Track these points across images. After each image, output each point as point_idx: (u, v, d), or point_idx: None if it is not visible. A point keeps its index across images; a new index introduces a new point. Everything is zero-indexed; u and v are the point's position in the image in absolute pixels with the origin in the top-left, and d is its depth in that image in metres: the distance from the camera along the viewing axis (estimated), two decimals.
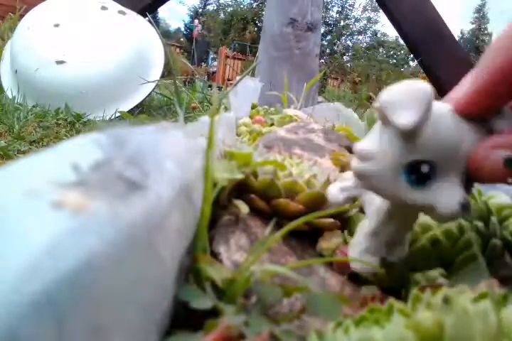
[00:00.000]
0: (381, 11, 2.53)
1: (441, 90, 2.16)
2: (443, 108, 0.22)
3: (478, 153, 0.22)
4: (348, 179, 0.28)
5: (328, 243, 0.35)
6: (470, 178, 0.23)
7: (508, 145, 0.22)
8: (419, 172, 0.22)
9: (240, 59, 8.05)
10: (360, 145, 0.23)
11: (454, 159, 0.22)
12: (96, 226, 0.13)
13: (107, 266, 0.13)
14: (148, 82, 1.60)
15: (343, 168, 0.50)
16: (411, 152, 0.21)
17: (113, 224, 0.14)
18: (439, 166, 0.22)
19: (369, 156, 0.22)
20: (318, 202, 0.36)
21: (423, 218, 0.30)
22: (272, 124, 0.93)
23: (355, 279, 0.32)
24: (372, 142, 0.22)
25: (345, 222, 0.37)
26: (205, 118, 0.44)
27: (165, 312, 0.20)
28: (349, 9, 15.83)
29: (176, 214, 0.21)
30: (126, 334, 0.15)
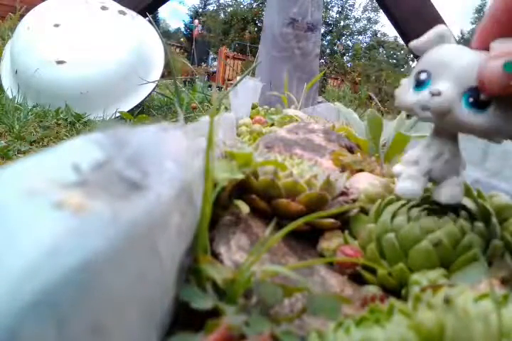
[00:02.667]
0: (381, 11, 2.53)
1: None
2: (453, 45, 0.30)
3: (481, 65, 0.26)
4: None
5: (328, 243, 0.35)
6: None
7: (507, 53, 0.25)
8: (419, 80, 0.30)
9: (240, 59, 8.05)
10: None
11: (447, 71, 0.28)
12: (96, 226, 0.13)
13: (107, 265, 0.13)
14: (149, 82, 1.60)
15: (344, 167, 0.50)
16: (418, 65, 0.30)
17: (113, 224, 0.14)
18: (433, 75, 0.29)
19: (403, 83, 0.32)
20: (318, 202, 0.36)
21: (424, 220, 0.30)
22: (273, 124, 0.93)
23: (356, 279, 0.32)
24: None
25: (345, 222, 0.37)
26: (205, 119, 0.44)
27: (166, 312, 0.20)
28: (349, 9, 15.83)
29: (176, 214, 0.21)
30: (126, 334, 0.15)
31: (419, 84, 0.30)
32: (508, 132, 0.28)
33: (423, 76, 0.29)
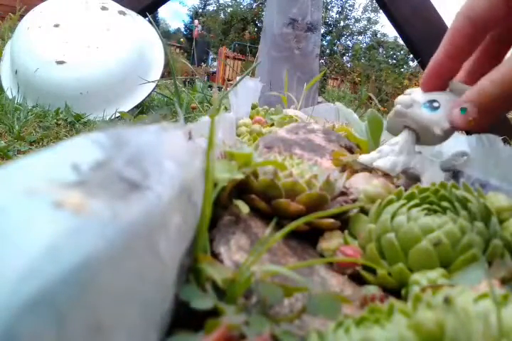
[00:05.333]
0: (381, 11, 2.53)
1: None
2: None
3: (449, 112, 0.42)
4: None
5: (328, 243, 0.35)
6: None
7: (462, 103, 0.40)
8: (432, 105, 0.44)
9: (240, 59, 8.07)
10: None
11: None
12: (96, 227, 0.13)
13: (106, 266, 0.13)
14: (148, 82, 1.61)
15: (344, 167, 0.50)
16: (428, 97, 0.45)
17: (113, 224, 0.14)
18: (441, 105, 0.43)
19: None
20: (318, 202, 0.36)
21: (424, 220, 0.30)
22: (272, 124, 0.93)
23: (356, 279, 0.32)
24: None
25: (345, 222, 0.37)
26: (205, 119, 0.44)
27: (166, 312, 0.20)
28: (349, 10, 15.82)
29: (176, 214, 0.21)
30: (126, 334, 0.15)
31: (432, 108, 0.43)
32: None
33: (436, 104, 0.43)
